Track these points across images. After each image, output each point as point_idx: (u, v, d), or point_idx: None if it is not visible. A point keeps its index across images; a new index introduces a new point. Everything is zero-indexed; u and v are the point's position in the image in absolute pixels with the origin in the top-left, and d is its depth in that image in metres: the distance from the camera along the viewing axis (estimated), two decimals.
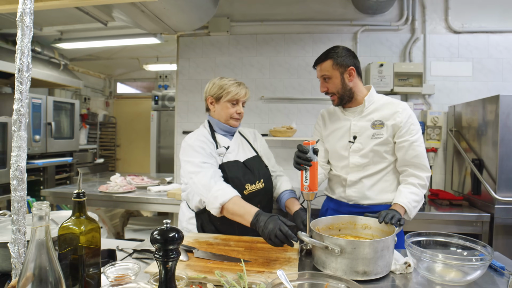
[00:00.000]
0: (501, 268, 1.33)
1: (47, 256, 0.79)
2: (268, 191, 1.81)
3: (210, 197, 1.56)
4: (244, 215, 1.48)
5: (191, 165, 1.65)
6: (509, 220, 2.41)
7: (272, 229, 1.34)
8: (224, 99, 1.72)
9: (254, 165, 1.78)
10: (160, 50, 5.72)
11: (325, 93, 1.79)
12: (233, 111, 1.73)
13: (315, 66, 1.80)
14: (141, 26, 2.92)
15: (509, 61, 3.19)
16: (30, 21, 0.85)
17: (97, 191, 3.19)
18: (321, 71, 1.74)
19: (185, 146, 1.72)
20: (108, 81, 7.46)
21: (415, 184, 1.67)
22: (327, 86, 1.75)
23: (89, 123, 6.51)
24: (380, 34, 3.38)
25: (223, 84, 1.73)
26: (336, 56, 1.70)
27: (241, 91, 1.72)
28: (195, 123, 3.73)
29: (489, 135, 2.56)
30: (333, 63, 1.70)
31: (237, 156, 1.77)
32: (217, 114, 1.77)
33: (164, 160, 6.15)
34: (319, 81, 1.80)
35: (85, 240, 0.95)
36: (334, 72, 1.70)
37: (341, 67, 1.70)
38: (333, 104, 1.83)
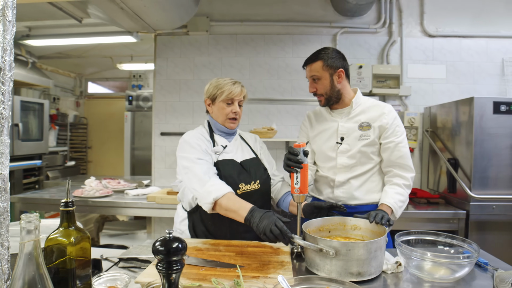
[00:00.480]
0: (485, 263, 1.38)
1: (37, 273, 0.73)
2: (265, 193, 1.78)
3: (204, 192, 1.53)
4: (238, 210, 1.45)
5: (186, 160, 1.63)
6: (483, 217, 2.52)
7: (267, 224, 1.32)
8: (219, 99, 1.70)
9: (251, 166, 1.76)
10: (134, 49, 5.56)
11: (313, 93, 1.79)
12: (229, 111, 1.70)
13: (304, 66, 1.79)
14: (119, 24, 2.81)
15: (479, 64, 3.36)
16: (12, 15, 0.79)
17: (72, 196, 3.04)
18: (311, 71, 1.74)
19: (182, 143, 1.70)
20: (79, 80, 7.16)
21: (400, 184, 1.71)
22: (316, 87, 1.75)
23: (59, 124, 6.21)
24: (359, 36, 3.44)
25: (217, 84, 1.70)
26: (326, 57, 1.70)
27: (235, 90, 1.69)
28: (174, 124, 3.66)
29: (463, 136, 2.67)
30: (323, 64, 1.70)
31: (235, 156, 1.75)
32: (215, 115, 1.75)
33: (139, 162, 5.99)
34: (308, 81, 1.80)
35: (75, 252, 0.89)
36: (324, 73, 1.71)
37: (330, 69, 1.70)
38: (320, 105, 1.83)
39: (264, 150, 1.94)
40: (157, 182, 3.69)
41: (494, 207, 2.51)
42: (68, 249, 0.89)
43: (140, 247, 1.57)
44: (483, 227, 2.53)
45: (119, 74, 6.99)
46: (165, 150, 3.68)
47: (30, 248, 0.73)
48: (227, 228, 1.63)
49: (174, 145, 3.64)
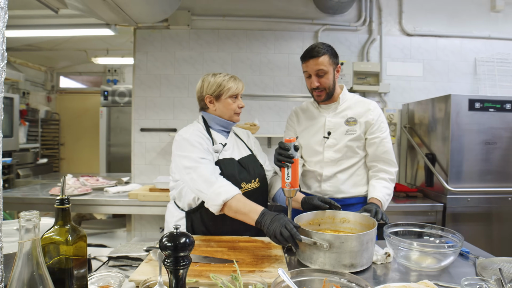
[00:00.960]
0: (467, 252, 1.46)
1: (37, 273, 0.70)
2: (264, 191, 1.78)
3: (212, 193, 1.49)
4: (249, 213, 1.43)
5: (188, 160, 1.57)
6: (459, 209, 2.65)
7: (277, 226, 1.31)
8: (225, 96, 1.67)
9: (249, 164, 1.74)
10: (110, 43, 5.38)
11: (314, 88, 1.76)
12: (236, 106, 1.70)
13: (306, 60, 1.73)
14: (98, 16, 2.71)
15: (454, 63, 3.50)
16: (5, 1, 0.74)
17: (48, 194, 2.93)
18: (318, 65, 1.70)
19: (180, 140, 1.63)
20: (50, 74, 6.85)
21: (386, 178, 1.77)
22: (321, 81, 1.73)
23: (29, 119, 5.92)
24: (340, 34, 3.50)
25: (220, 82, 1.67)
26: (330, 52, 1.72)
27: (239, 85, 1.69)
28: (154, 120, 3.58)
29: (439, 131, 2.78)
30: (329, 59, 1.71)
31: (233, 154, 1.72)
32: (219, 111, 1.71)
33: (115, 159, 5.84)
34: (306, 75, 1.78)
35: (71, 250, 0.86)
36: (330, 68, 1.72)
37: (334, 63, 1.74)
38: (318, 99, 1.82)
39: (257, 145, 1.93)
40: (137, 179, 3.60)
41: (468, 200, 2.64)
42: (64, 248, 0.85)
43: (128, 244, 1.53)
44: (458, 218, 2.66)
45: (93, 68, 6.74)
46: (145, 146, 3.60)
47: (30, 247, 0.70)
48: (229, 228, 1.60)
49: (154, 141, 3.57)
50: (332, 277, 1.04)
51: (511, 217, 2.69)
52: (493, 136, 2.63)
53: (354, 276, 0.99)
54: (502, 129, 2.64)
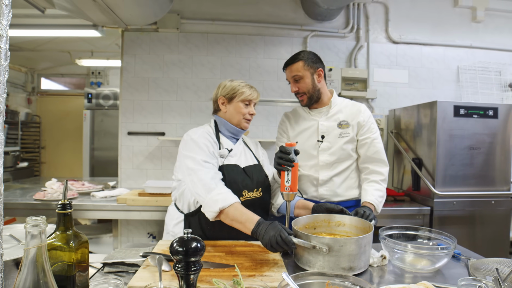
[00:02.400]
0: (458, 254, 1.50)
1: (43, 281, 0.68)
2: (265, 201, 1.77)
3: (209, 200, 1.48)
4: (245, 222, 1.42)
5: (192, 161, 1.56)
6: (445, 212, 2.72)
7: (273, 235, 1.31)
8: (237, 99, 1.68)
9: (254, 173, 1.73)
10: (95, 44, 5.29)
11: (295, 93, 1.85)
12: (246, 112, 1.70)
13: (285, 68, 1.86)
14: (87, 16, 2.65)
15: (438, 71, 3.62)
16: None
17: (32, 199, 2.83)
18: (292, 71, 1.81)
19: (188, 140, 1.62)
20: (31, 75, 6.66)
21: (378, 180, 1.81)
22: (298, 86, 1.82)
23: (8, 122, 5.74)
24: (328, 40, 3.56)
25: (235, 86, 1.70)
26: (306, 57, 1.80)
27: (253, 93, 1.71)
28: (142, 123, 3.53)
29: (425, 137, 2.86)
30: (304, 64, 1.79)
31: (238, 161, 1.71)
32: (229, 114, 1.71)
33: (99, 163, 5.73)
34: (289, 83, 1.87)
35: (75, 257, 0.84)
36: (305, 72, 1.79)
37: (311, 68, 1.80)
38: (301, 104, 1.89)
39: (265, 156, 1.92)
40: (124, 183, 3.54)
41: (454, 203, 2.72)
42: (66, 255, 0.83)
43: (123, 250, 1.50)
44: (445, 221, 2.73)
45: (76, 70, 6.59)
46: (133, 150, 3.54)
47: (35, 254, 0.68)
48: (226, 233, 1.59)
49: (142, 145, 3.52)
50: (334, 280, 1.05)
51: (494, 220, 2.78)
52: (477, 141, 2.72)
53: (357, 279, 1.00)
54: (485, 135, 2.74)
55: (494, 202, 2.75)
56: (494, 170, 2.78)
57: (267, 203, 1.80)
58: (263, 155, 1.91)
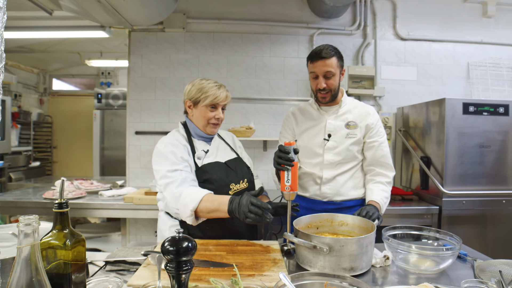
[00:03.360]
0: (464, 255, 1.46)
1: (36, 279, 0.69)
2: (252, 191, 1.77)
3: (180, 206, 1.48)
4: (219, 207, 1.42)
5: (159, 174, 1.56)
6: (454, 211, 2.67)
7: (245, 205, 1.32)
8: (202, 104, 1.61)
9: (236, 166, 1.73)
10: (104, 45, 5.35)
11: (319, 90, 1.73)
12: (212, 116, 1.62)
13: (315, 60, 1.70)
14: (94, 18, 2.68)
15: (447, 67, 3.55)
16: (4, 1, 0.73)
17: (41, 198, 2.88)
18: (327, 66, 1.68)
19: (155, 153, 1.61)
20: (43, 76, 6.78)
21: (383, 182, 1.79)
22: (327, 83, 1.71)
23: (21, 122, 5.85)
24: (335, 37, 3.52)
25: (202, 87, 1.61)
26: (339, 54, 1.73)
27: (220, 95, 1.61)
28: (149, 123, 3.56)
29: (434, 135, 2.80)
30: (337, 61, 1.71)
31: (217, 158, 1.70)
32: (195, 118, 1.67)
33: (109, 162, 5.79)
34: (313, 76, 1.74)
35: (70, 255, 0.85)
36: (337, 70, 1.72)
37: (340, 66, 1.75)
38: (323, 101, 1.79)
39: (242, 149, 1.91)
40: (132, 182, 3.57)
41: (464, 202, 2.67)
42: (63, 253, 0.84)
43: (125, 249, 1.51)
44: (454, 221, 2.67)
45: (86, 70, 6.69)
46: (140, 149, 3.57)
47: (28, 252, 0.68)
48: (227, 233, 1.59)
49: (149, 144, 3.55)
50: (333, 280, 1.03)
51: (505, 220, 2.72)
52: (487, 139, 2.66)
53: (356, 280, 0.99)
54: (496, 133, 2.67)
55: (506, 202, 2.68)
56: (505, 168, 2.71)
57: None
58: (240, 148, 1.90)
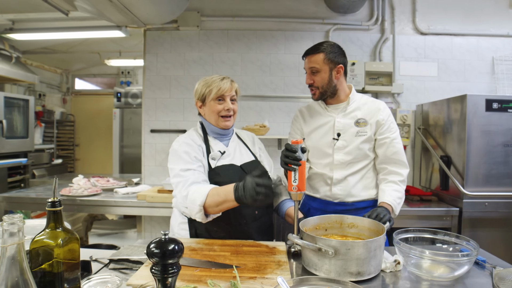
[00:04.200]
0: (483, 261, 1.37)
1: (21, 278, 0.68)
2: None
3: (189, 203, 1.46)
4: (226, 197, 1.40)
5: (173, 173, 1.56)
6: (476, 214, 2.54)
7: (251, 188, 1.28)
8: (209, 99, 1.61)
9: (252, 170, 1.65)
10: (123, 45, 5.44)
11: (309, 85, 1.75)
12: (221, 108, 1.61)
13: (304, 56, 1.75)
14: (107, 17, 2.72)
15: (470, 62, 3.38)
16: None
17: (59, 194, 2.95)
18: (310, 63, 1.69)
19: (171, 151, 1.63)
20: (65, 76, 6.99)
21: (396, 181, 1.70)
22: (314, 79, 1.71)
23: (45, 121, 6.05)
24: (351, 33, 3.43)
25: (205, 82, 1.62)
26: (328, 51, 1.68)
27: (224, 85, 1.59)
28: (164, 121, 3.59)
29: (455, 133, 2.67)
30: (325, 58, 1.67)
31: (233, 160, 1.66)
32: (207, 116, 1.66)
33: (128, 160, 5.89)
34: (306, 73, 1.76)
35: (63, 255, 0.84)
36: (324, 67, 1.68)
37: (331, 63, 1.68)
38: (312, 98, 1.79)
39: (262, 150, 1.86)
40: (147, 180, 3.61)
41: (486, 204, 2.53)
42: (55, 252, 0.83)
43: (131, 247, 1.51)
44: (475, 224, 2.54)
45: (107, 70, 6.84)
46: (155, 147, 3.60)
47: (13, 251, 0.68)
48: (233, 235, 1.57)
49: (164, 142, 3.57)
50: (335, 286, 0.99)
51: None
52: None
53: (356, 286, 0.93)
54: None
55: None
56: None
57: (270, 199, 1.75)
58: (260, 150, 1.85)
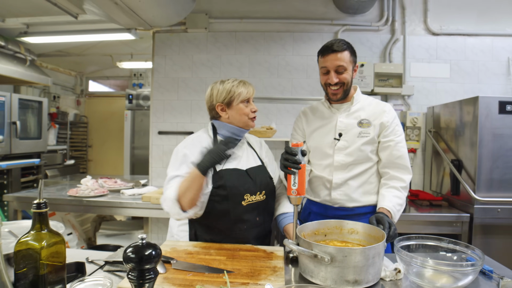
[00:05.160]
0: (490, 271, 1.30)
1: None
2: (270, 205, 1.68)
3: (165, 206, 1.47)
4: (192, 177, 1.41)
5: (168, 175, 1.56)
6: (487, 220, 2.44)
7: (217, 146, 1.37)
8: (236, 102, 1.59)
9: (257, 175, 1.64)
10: (134, 47, 5.51)
11: (329, 84, 1.64)
12: (249, 110, 1.62)
13: (326, 53, 1.62)
14: (115, 20, 2.75)
15: (484, 63, 3.27)
16: None
17: (66, 195, 2.99)
18: (338, 60, 1.60)
19: (173, 152, 1.62)
20: (80, 78, 7.13)
21: (397, 187, 1.64)
22: (339, 77, 1.62)
23: (59, 122, 6.18)
24: (361, 34, 3.37)
25: (229, 88, 1.59)
26: (352, 49, 1.65)
27: (249, 89, 1.62)
28: (171, 123, 3.60)
29: (467, 136, 2.58)
30: (350, 56, 1.63)
31: (239, 164, 1.63)
32: (233, 118, 1.62)
33: (139, 161, 5.95)
34: (323, 71, 1.66)
35: (47, 256, 0.83)
36: (349, 65, 1.63)
37: (353, 62, 1.65)
38: (334, 98, 1.69)
39: (269, 155, 1.82)
40: (154, 181, 3.63)
41: (499, 210, 2.43)
42: (39, 253, 0.82)
43: None
44: (487, 231, 2.44)
45: (120, 72, 6.95)
46: (163, 149, 3.62)
47: None
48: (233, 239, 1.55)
49: (171, 144, 3.59)
50: None
51: None
52: None
53: None
54: None
55: None
56: None
57: (272, 207, 1.71)
58: (267, 155, 1.80)
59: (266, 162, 1.76)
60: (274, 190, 1.71)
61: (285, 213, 1.67)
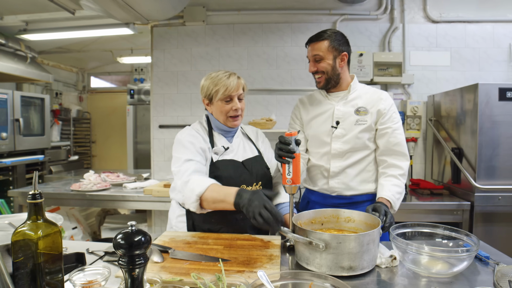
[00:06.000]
0: (486, 257, 1.31)
1: None
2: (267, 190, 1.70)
3: (187, 191, 1.45)
4: (225, 198, 1.36)
5: (176, 161, 1.55)
6: (488, 208, 2.44)
7: (257, 207, 1.23)
8: (216, 99, 1.57)
9: (253, 165, 1.65)
10: (134, 42, 5.50)
11: (313, 72, 1.72)
12: (228, 108, 1.57)
13: (308, 44, 1.72)
14: (111, 15, 2.75)
15: (485, 50, 3.23)
16: None
17: (69, 189, 3.03)
18: (314, 50, 1.66)
19: (176, 141, 1.61)
20: (81, 75, 7.14)
21: (396, 175, 1.65)
22: (317, 66, 1.68)
23: (62, 119, 6.22)
24: (359, 23, 3.34)
25: (212, 80, 1.57)
26: (333, 38, 1.65)
27: (231, 84, 1.54)
28: (172, 116, 3.61)
29: (467, 124, 2.57)
30: (329, 45, 1.64)
31: (236, 156, 1.64)
32: (215, 114, 1.63)
33: (142, 156, 5.99)
34: (309, 61, 1.73)
35: (43, 245, 0.85)
36: (328, 55, 1.65)
37: (335, 51, 1.65)
38: (317, 86, 1.75)
39: (265, 144, 1.81)
40: (156, 175, 3.66)
41: (500, 198, 2.42)
42: (35, 243, 0.84)
43: None
44: (488, 218, 2.44)
45: (121, 68, 6.96)
46: (164, 142, 3.64)
47: None
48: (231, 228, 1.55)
49: (172, 137, 3.55)
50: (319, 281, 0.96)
51: None
52: None
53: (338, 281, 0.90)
54: None
55: None
56: None
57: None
58: (263, 144, 1.80)
59: (263, 151, 1.76)
60: (270, 180, 1.72)
61: (282, 203, 1.68)
